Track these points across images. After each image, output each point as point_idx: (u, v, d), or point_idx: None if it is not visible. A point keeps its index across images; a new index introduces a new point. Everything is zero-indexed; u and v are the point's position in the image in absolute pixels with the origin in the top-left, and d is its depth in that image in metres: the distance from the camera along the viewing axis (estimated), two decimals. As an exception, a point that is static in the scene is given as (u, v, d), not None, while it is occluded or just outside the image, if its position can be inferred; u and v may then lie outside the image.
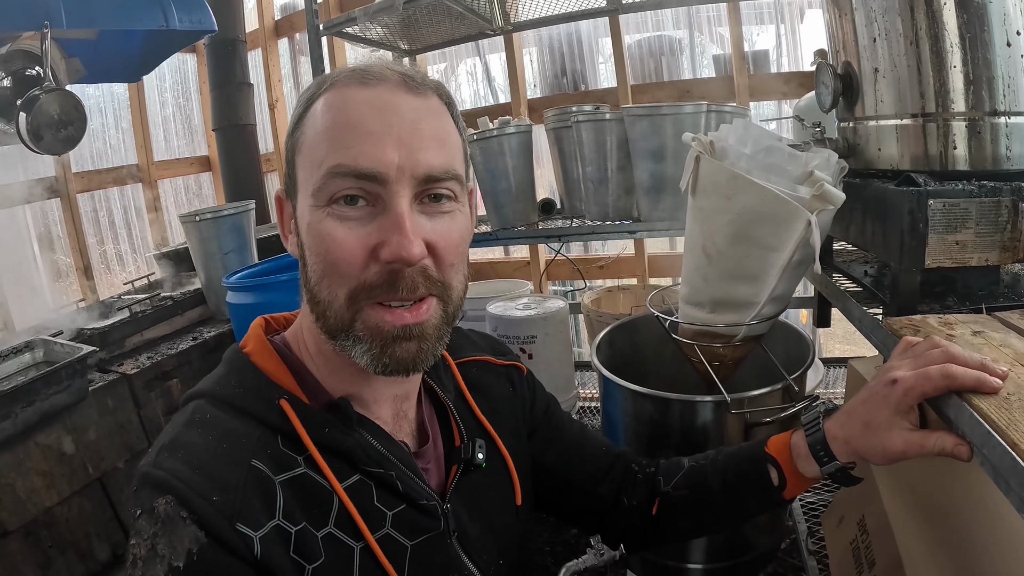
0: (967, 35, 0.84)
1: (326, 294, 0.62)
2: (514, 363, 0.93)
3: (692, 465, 0.88)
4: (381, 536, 0.63)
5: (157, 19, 2.07)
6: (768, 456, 0.81)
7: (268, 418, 0.62)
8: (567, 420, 0.96)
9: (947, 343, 0.66)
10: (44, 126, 1.89)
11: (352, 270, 0.60)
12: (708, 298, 1.03)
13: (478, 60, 3.35)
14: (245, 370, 0.66)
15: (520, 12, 2.25)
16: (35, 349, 1.80)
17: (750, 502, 0.84)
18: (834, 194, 0.86)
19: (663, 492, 0.88)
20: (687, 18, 2.76)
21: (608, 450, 0.94)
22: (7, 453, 1.55)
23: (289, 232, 0.68)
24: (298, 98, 0.66)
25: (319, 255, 0.61)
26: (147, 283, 2.53)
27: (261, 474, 0.58)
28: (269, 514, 0.57)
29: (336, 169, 0.59)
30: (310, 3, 2.21)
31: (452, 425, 0.77)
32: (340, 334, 0.62)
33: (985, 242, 0.83)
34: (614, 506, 0.91)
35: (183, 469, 0.56)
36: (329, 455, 0.62)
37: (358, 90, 0.61)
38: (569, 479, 0.91)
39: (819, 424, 0.76)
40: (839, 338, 3.85)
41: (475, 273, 2.99)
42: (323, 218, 0.60)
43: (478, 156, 2.02)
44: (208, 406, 0.63)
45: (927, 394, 0.64)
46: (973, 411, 0.59)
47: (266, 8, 3.12)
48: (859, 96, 1.00)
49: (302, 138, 0.63)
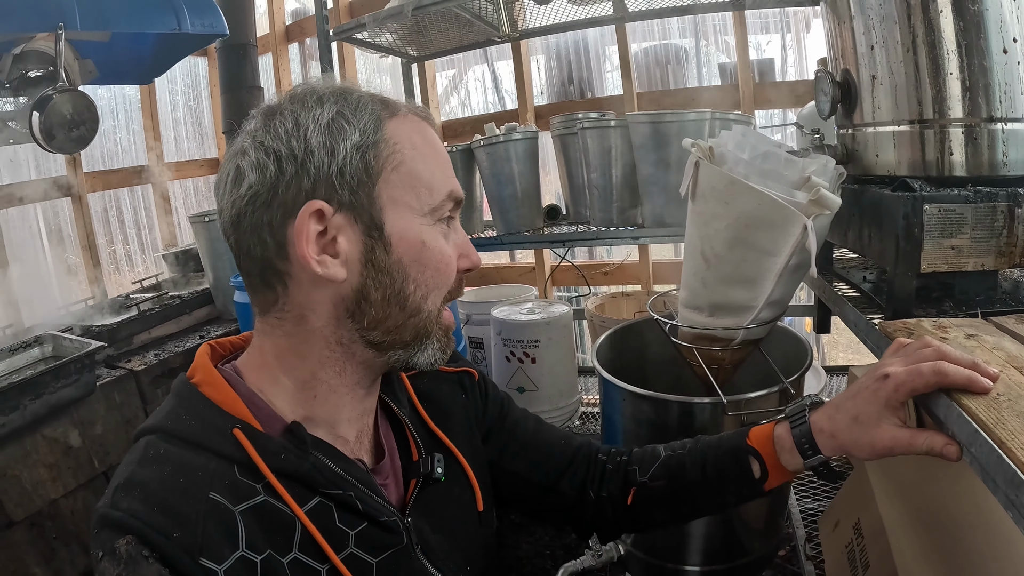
0: (964, 42, 0.85)
1: (430, 304, 0.69)
2: (465, 368, 0.94)
3: (669, 454, 0.88)
4: (346, 556, 0.63)
5: (170, 22, 2.10)
6: (751, 448, 0.81)
7: (223, 449, 0.61)
8: (522, 418, 0.96)
9: (939, 343, 0.67)
10: (57, 125, 1.92)
11: (452, 278, 0.70)
12: (706, 302, 1.05)
13: (486, 68, 3.38)
14: (195, 401, 0.65)
15: (527, 20, 2.27)
16: (44, 344, 1.82)
17: (729, 494, 0.84)
18: (830, 199, 0.87)
19: (639, 483, 0.87)
20: (693, 27, 2.77)
21: (567, 443, 0.93)
22: (15, 445, 1.57)
23: (326, 253, 0.64)
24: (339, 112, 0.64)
25: (434, 268, 0.68)
26: (155, 282, 2.56)
27: (220, 506, 0.58)
28: (232, 546, 0.57)
29: (452, 194, 0.69)
30: (320, 8, 2.24)
31: (409, 439, 0.78)
32: (416, 341, 0.69)
33: (981, 247, 0.83)
34: (579, 499, 0.91)
35: (141, 507, 0.55)
36: (287, 480, 0.62)
37: (426, 125, 0.71)
38: (528, 477, 0.91)
39: (805, 417, 0.77)
40: (843, 347, 3.85)
41: (480, 278, 3.00)
42: (437, 235, 0.68)
43: (484, 161, 2.04)
44: (160, 441, 0.62)
45: (917, 390, 0.65)
46: (962, 410, 0.60)
47: (277, 13, 3.16)
48: (857, 103, 1.02)
49: (393, 158, 0.65)
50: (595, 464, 0.92)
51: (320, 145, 0.62)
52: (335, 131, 0.63)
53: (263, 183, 0.62)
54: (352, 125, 0.63)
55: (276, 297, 0.66)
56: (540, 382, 2.16)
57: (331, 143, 0.62)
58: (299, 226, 0.62)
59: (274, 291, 0.66)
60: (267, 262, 0.65)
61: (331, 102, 0.64)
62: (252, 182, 0.63)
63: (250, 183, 0.63)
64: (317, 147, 0.62)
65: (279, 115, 0.64)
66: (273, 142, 0.63)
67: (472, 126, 2.72)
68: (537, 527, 2.25)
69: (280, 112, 0.64)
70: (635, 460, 0.90)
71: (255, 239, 0.64)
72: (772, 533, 1.21)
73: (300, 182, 0.62)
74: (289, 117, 0.63)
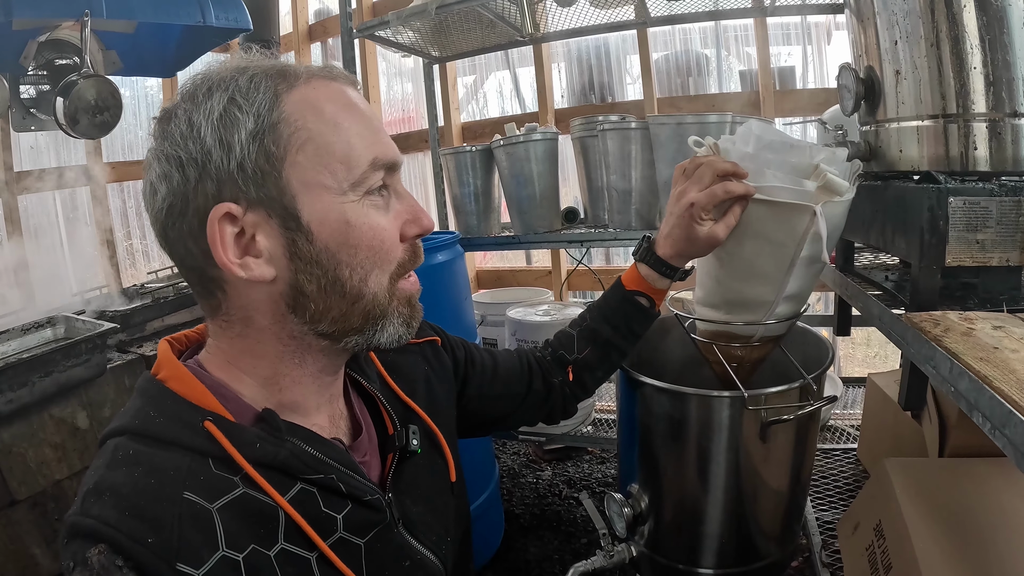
0: (987, 37, 0.84)
1: (372, 285, 0.64)
2: (429, 339, 0.94)
3: (579, 330, 1.07)
4: (334, 541, 0.62)
5: (194, 15, 2.12)
6: (635, 292, 1.02)
7: (195, 444, 0.58)
8: (483, 353, 1.04)
9: (711, 159, 0.90)
10: (81, 111, 1.94)
11: (396, 252, 0.65)
12: (722, 299, 1.03)
13: (507, 72, 3.40)
14: (162, 397, 0.62)
15: (550, 22, 2.29)
16: (56, 325, 1.82)
17: (636, 328, 1.05)
18: (838, 183, 0.86)
19: (572, 360, 1.06)
20: (714, 36, 2.78)
21: (518, 356, 1.07)
22: (22, 422, 1.57)
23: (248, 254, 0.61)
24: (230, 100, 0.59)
25: (367, 248, 0.62)
26: (171, 273, 2.57)
27: (196, 506, 0.55)
28: (211, 547, 0.54)
29: (376, 162, 0.62)
30: (344, 5, 2.27)
31: (383, 414, 0.77)
32: (369, 324, 0.65)
33: (1006, 241, 0.82)
34: (548, 390, 1.06)
35: (112, 514, 0.53)
36: (265, 470, 0.60)
37: (338, 86, 0.64)
38: (509, 393, 1.03)
39: (653, 252, 0.98)
40: (859, 361, 3.83)
41: (496, 280, 3.00)
42: (366, 210, 0.62)
43: (504, 161, 2.04)
44: (129, 442, 0.58)
45: (716, 204, 0.88)
46: (994, 392, 0.58)
47: (300, 13, 3.20)
48: (881, 99, 1.01)
49: (295, 138, 0.60)
50: (541, 362, 1.07)
51: (215, 143, 0.58)
52: (227, 124, 0.58)
53: (173, 193, 0.59)
54: (244, 112, 0.59)
55: (218, 302, 0.64)
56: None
57: (225, 138, 0.58)
58: (211, 234, 0.58)
59: (215, 297, 0.63)
60: (200, 271, 0.62)
61: (221, 91, 0.59)
62: (164, 194, 0.60)
63: (163, 195, 0.60)
64: (213, 145, 0.58)
65: (174, 118, 0.60)
66: (172, 148, 0.59)
67: (492, 128, 2.73)
68: (545, 532, 2.24)
69: (175, 114, 0.60)
70: (560, 346, 1.08)
71: (183, 250, 0.62)
72: (787, 539, 1.19)
73: (205, 185, 0.59)
74: (183, 118, 0.59)
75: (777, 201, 0.88)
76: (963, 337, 0.72)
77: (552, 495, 2.47)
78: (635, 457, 1.20)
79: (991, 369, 0.62)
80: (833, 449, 1.80)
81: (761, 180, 0.89)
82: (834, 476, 1.66)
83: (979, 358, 0.65)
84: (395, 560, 0.68)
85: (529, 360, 1.07)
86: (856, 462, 1.71)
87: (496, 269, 3.23)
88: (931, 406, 1.25)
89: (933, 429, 1.23)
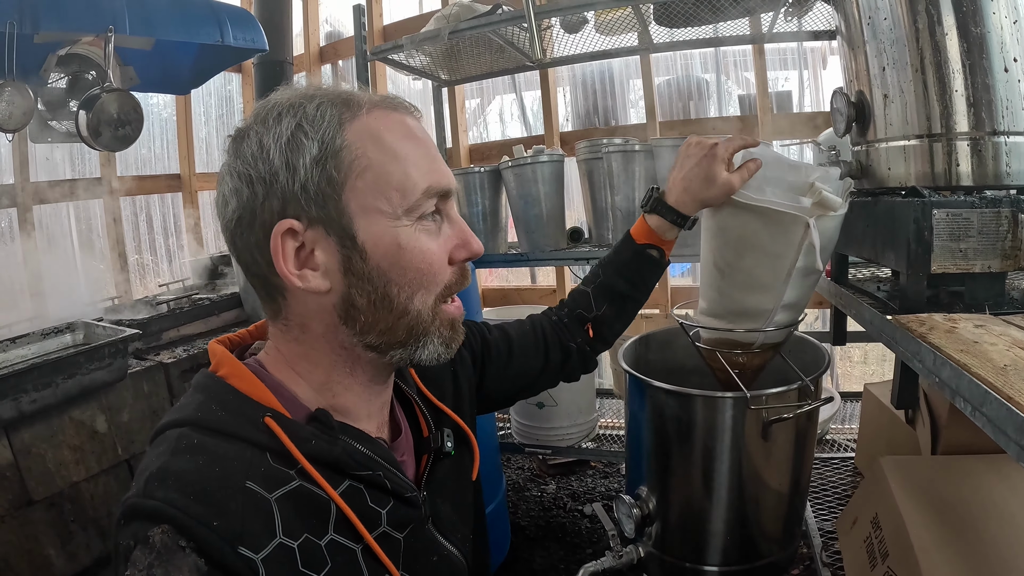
0: (968, 62, 0.93)
1: (417, 304, 0.68)
2: None
3: (593, 287, 1.10)
4: (378, 534, 0.66)
5: (213, 34, 2.20)
6: (646, 245, 1.06)
7: (255, 437, 0.62)
8: (493, 339, 1.05)
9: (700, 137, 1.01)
10: (104, 123, 2.01)
11: (443, 275, 0.69)
12: (724, 310, 1.10)
13: (510, 96, 3.49)
14: (225, 394, 0.66)
15: (556, 49, 2.38)
16: (76, 331, 1.87)
17: (650, 280, 1.09)
18: (832, 200, 0.93)
19: (592, 317, 1.09)
20: (715, 62, 2.88)
21: (534, 328, 1.09)
22: (42, 424, 1.61)
23: (307, 267, 0.65)
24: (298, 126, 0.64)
25: (416, 269, 0.67)
26: (182, 286, 2.62)
27: (256, 495, 0.59)
28: (270, 534, 0.57)
29: (429, 190, 0.67)
30: (359, 28, 2.36)
31: (419, 416, 0.82)
32: (412, 340, 0.69)
33: (987, 250, 0.89)
34: (565, 356, 1.09)
35: (177, 496, 0.55)
36: (319, 465, 0.63)
37: (398, 116, 0.69)
38: (529, 367, 1.06)
39: (662, 202, 1.03)
40: (855, 379, 3.89)
41: (502, 298, 3.05)
42: (417, 235, 0.67)
43: (512, 182, 2.12)
44: (192, 432, 0.62)
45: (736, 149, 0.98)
46: (972, 377, 0.65)
47: (312, 35, 3.30)
48: (870, 121, 1.09)
49: (356, 165, 0.64)
50: (558, 326, 1.10)
51: (282, 164, 0.63)
52: (294, 148, 0.63)
53: (243, 207, 0.65)
54: (310, 138, 0.63)
55: (279, 307, 0.68)
56: (559, 398, 2.22)
57: (291, 161, 0.63)
58: (274, 246, 0.63)
59: (276, 302, 0.68)
60: (264, 278, 0.67)
61: (289, 116, 0.64)
62: (234, 207, 0.65)
63: (233, 208, 0.65)
64: (280, 167, 0.63)
65: (247, 138, 0.65)
66: (243, 167, 0.64)
67: (499, 150, 2.81)
68: (550, 542, 2.27)
69: (247, 135, 0.65)
70: (577, 305, 1.11)
71: (249, 257, 0.67)
72: (788, 539, 1.24)
73: (271, 202, 0.63)
74: (255, 139, 0.64)
75: (774, 213, 0.95)
76: (946, 334, 0.78)
77: (557, 507, 2.50)
78: (644, 459, 1.26)
79: (970, 359, 0.68)
80: (832, 458, 1.87)
81: (761, 196, 0.96)
82: (833, 484, 1.72)
83: (960, 350, 0.71)
84: (426, 555, 0.73)
85: (544, 330, 1.09)
86: (854, 470, 1.77)
87: (501, 288, 3.29)
88: (923, 409, 1.31)
89: (926, 431, 1.30)
